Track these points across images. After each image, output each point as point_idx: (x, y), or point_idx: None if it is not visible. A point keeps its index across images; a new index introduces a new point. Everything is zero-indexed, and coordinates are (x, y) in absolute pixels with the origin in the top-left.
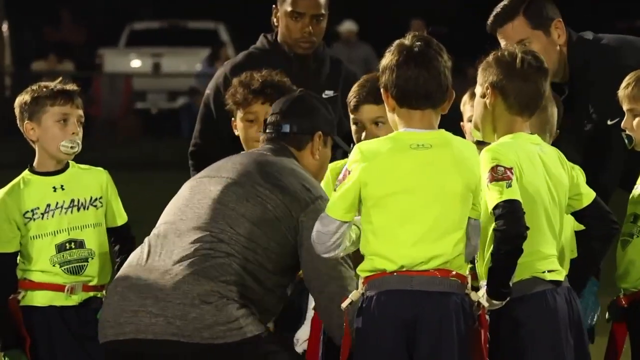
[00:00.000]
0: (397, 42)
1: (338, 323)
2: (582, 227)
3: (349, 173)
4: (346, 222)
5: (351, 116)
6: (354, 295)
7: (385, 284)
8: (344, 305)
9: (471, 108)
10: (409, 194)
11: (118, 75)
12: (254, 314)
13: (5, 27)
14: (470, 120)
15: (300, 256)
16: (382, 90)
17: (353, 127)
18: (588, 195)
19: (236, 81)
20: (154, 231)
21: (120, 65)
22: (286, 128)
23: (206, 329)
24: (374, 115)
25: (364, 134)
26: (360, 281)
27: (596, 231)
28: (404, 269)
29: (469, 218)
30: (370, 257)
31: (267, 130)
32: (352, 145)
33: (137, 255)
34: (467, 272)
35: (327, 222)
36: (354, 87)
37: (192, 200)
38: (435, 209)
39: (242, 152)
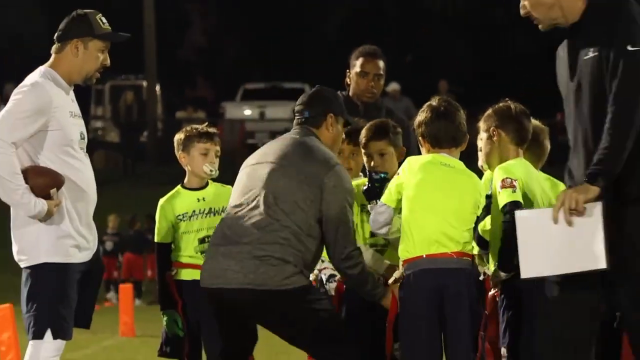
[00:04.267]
0: (427, 103)
1: (342, 247)
2: None
3: (399, 174)
4: (392, 207)
5: (362, 150)
6: (397, 273)
7: (418, 265)
8: (391, 281)
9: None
10: (435, 193)
11: (235, 121)
12: (302, 271)
13: (157, 87)
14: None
15: (324, 209)
16: (420, 138)
17: (365, 158)
18: None
19: None
20: (228, 213)
21: (237, 113)
22: (306, 114)
23: (270, 280)
24: (378, 148)
25: (372, 163)
26: (401, 263)
27: None
28: (431, 252)
29: None
30: (405, 241)
31: (296, 117)
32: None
33: (219, 232)
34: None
35: (380, 208)
36: (364, 130)
37: (248, 186)
38: (452, 206)
39: (279, 138)
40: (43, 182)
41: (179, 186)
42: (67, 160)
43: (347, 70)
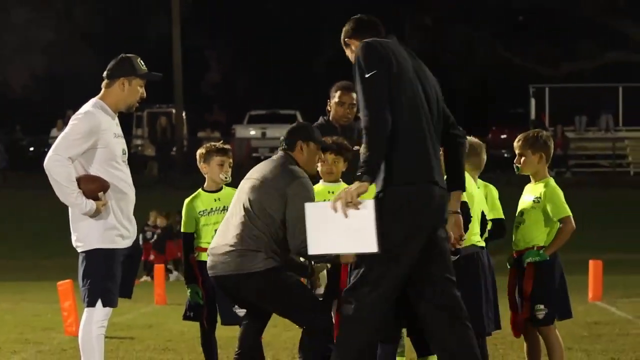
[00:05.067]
0: None
1: (298, 240)
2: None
3: None
4: None
5: None
6: None
7: None
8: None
9: None
10: None
11: (243, 139)
12: (273, 257)
13: (183, 113)
14: None
15: (286, 212)
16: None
17: None
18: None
19: None
20: (226, 218)
21: (244, 133)
22: (286, 142)
23: (246, 265)
24: None
25: None
26: None
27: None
28: None
29: None
30: None
31: (280, 142)
32: None
33: (219, 231)
34: None
35: None
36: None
37: (237, 197)
38: None
39: (267, 160)
40: (93, 187)
41: (200, 189)
42: (112, 170)
43: (328, 100)
